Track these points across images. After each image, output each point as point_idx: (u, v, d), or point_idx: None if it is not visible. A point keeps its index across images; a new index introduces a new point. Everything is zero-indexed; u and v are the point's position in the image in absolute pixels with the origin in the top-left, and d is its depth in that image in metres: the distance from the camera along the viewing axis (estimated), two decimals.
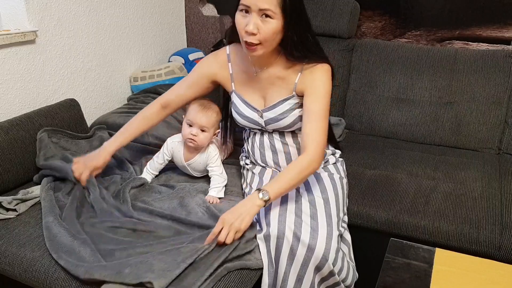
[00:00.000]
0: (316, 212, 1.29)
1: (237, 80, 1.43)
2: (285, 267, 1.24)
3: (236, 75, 1.43)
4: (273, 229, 1.25)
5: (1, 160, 1.48)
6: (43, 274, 1.20)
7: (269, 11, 1.17)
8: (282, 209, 1.29)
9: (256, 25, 1.19)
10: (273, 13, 1.18)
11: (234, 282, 1.18)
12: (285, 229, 1.24)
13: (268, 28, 1.19)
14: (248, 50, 1.25)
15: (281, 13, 1.19)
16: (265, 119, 1.40)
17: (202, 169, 1.55)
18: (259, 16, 1.19)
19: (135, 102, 2.09)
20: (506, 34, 2.05)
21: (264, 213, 1.31)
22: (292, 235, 1.23)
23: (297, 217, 1.26)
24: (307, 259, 1.22)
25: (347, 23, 2.12)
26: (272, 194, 1.21)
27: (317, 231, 1.23)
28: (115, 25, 2.11)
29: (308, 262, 1.22)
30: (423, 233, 1.47)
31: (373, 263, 1.49)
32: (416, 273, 1.08)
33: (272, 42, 1.24)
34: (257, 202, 1.20)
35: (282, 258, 1.24)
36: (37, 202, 1.46)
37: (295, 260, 1.23)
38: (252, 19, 1.19)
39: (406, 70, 2.03)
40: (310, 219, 1.26)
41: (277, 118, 1.38)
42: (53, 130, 1.65)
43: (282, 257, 1.24)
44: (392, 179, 1.67)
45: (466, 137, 1.92)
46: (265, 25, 1.19)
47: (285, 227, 1.24)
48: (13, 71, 1.67)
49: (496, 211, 1.48)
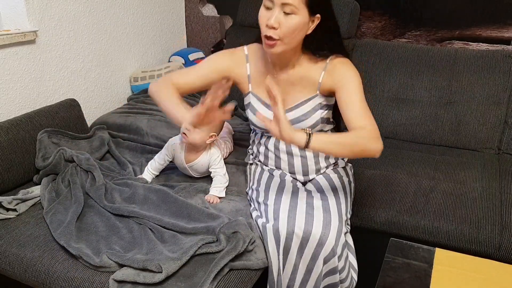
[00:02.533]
0: (328, 207, 1.29)
1: (254, 81, 1.40)
2: (295, 259, 1.24)
3: (254, 76, 1.40)
4: (283, 225, 1.24)
5: (1, 160, 1.48)
6: (43, 274, 1.20)
7: (291, 6, 1.16)
8: (292, 205, 1.28)
9: (278, 19, 1.18)
10: (295, 8, 1.16)
11: (234, 282, 1.18)
12: (295, 227, 1.23)
13: (289, 23, 1.18)
14: (267, 46, 1.23)
15: (306, 9, 1.18)
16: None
17: (203, 171, 1.54)
18: (282, 11, 1.18)
19: (135, 102, 2.09)
20: (506, 34, 2.04)
21: (273, 207, 1.30)
22: (302, 232, 1.22)
23: (307, 214, 1.25)
24: (317, 252, 1.22)
25: (347, 23, 2.12)
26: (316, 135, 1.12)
27: (330, 224, 1.24)
28: (115, 25, 2.11)
29: (318, 254, 1.22)
30: (423, 233, 1.47)
31: (373, 263, 1.49)
32: (416, 273, 1.08)
33: (292, 39, 1.22)
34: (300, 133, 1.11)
35: (292, 250, 1.24)
36: (37, 202, 1.46)
37: (305, 253, 1.23)
38: (274, 13, 1.18)
39: (406, 70, 2.03)
40: (322, 213, 1.26)
41: (300, 118, 1.35)
42: (53, 131, 1.65)
43: (292, 250, 1.24)
44: (392, 179, 1.67)
45: (466, 137, 1.92)
46: (287, 20, 1.18)
47: (294, 225, 1.23)
48: (13, 71, 1.67)
49: (496, 211, 1.48)
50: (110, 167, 1.65)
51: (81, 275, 1.17)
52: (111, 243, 1.24)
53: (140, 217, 1.33)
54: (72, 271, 1.18)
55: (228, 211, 1.39)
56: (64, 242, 1.22)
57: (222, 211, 1.37)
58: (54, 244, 1.26)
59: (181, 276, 1.14)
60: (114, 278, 1.12)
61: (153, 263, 1.12)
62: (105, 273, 1.16)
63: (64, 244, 1.21)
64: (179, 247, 1.20)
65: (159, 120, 1.89)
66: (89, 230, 1.30)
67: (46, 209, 1.37)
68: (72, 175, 1.51)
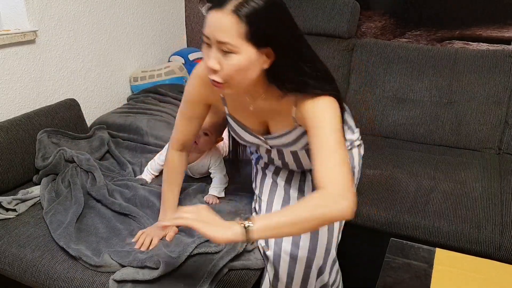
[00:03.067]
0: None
1: (230, 104, 1.21)
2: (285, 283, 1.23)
3: (228, 99, 1.21)
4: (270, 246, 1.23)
5: (1, 160, 1.48)
6: (43, 274, 1.20)
7: (227, 45, 0.92)
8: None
9: (217, 60, 0.95)
10: (233, 46, 0.92)
11: (234, 282, 1.18)
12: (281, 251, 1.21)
13: (230, 64, 0.94)
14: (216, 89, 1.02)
15: (248, 45, 0.92)
16: (271, 144, 1.24)
17: (203, 171, 1.54)
18: (220, 49, 0.94)
19: (135, 102, 2.09)
20: (506, 34, 2.04)
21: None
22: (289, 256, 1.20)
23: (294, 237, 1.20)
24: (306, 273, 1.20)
25: (347, 23, 2.12)
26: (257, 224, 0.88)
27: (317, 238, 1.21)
28: (115, 25, 2.11)
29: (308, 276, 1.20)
30: (423, 233, 1.47)
31: (373, 263, 1.49)
32: (416, 273, 1.08)
33: (241, 80, 0.98)
34: (235, 228, 0.88)
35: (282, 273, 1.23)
36: (37, 202, 1.46)
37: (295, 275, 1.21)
38: (212, 53, 0.95)
39: (406, 70, 2.03)
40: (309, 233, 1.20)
41: (286, 144, 1.21)
42: (53, 131, 1.65)
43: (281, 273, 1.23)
44: (392, 179, 1.67)
45: (466, 137, 1.92)
46: (227, 60, 0.94)
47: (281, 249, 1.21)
48: (13, 71, 1.67)
49: (496, 211, 1.48)
50: (109, 167, 1.65)
51: (81, 275, 1.16)
52: (111, 244, 1.24)
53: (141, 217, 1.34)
54: (72, 271, 1.18)
55: (227, 211, 1.39)
56: (63, 243, 1.22)
57: (221, 212, 1.37)
58: (54, 244, 1.26)
59: (181, 276, 1.14)
60: (114, 278, 1.12)
61: (152, 260, 1.12)
62: (105, 274, 1.15)
63: (63, 245, 1.21)
64: (178, 247, 1.20)
65: (159, 120, 1.89)
66: (89, 231, 1.30)
67: (46, 209, 1.37)
68: (72, 176, 1.51)
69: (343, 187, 0.91)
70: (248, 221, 0.88)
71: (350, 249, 1.53)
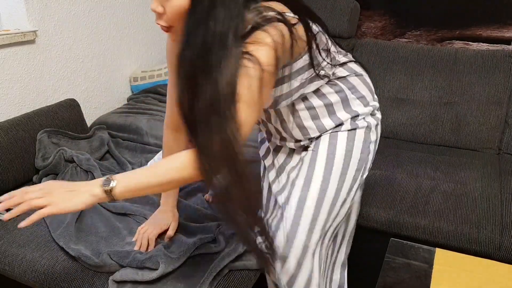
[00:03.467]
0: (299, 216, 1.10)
1: None
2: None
3: None
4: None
5: (1, 160, 1.48)
6: (43, 274, 1.19)
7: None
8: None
9: (160, 3, 0.90)
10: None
11: (234, 282, 1.18)
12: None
13: (170, 6, 0.89)
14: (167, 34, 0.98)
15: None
16: None
17: None
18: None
19: (135, 102, 2.09)
20: (506, 34, 2.04)
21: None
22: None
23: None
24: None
25: (347, 23, 2.12)
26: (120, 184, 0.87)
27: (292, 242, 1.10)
28: (115, 25, 2.11)
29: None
30: (423, 233, 1.47)
31: (373, 263, 1.49)
32: (416, 273, 1.08)
33: None
34: (94, 189, 0.87)
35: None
36: None
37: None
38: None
39: (406, 70, 2.03)
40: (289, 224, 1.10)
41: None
42: (53, 131, 1.65)
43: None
44: (392, 179, 1.67)
45: (466, 137, 1.92)
46: (169, 2, 0.89)
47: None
48: (13, 71, 1.67)
49: (496, 211, 1.48)
50: (109, 167, 1.65)
51: (81, 275, 1.16)
52: (111, 244, 1.24)
53: (141, 215, 1.34)
54: (72, 271, 1.18)
55: None
56: (63, 243, 1.22)
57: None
58: (54, 244, 1.26)
59: (181, 276, 1.13)
60: (114, 279, 1.12)
61: (152, 260, 1.12)
62: (105, 274, 1.15)
63: (63, 245, 1.21)
64: (178, 247, 1.20)
65: (159, 120, 1.89)
66: (88, 231, 1.30)
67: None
68: (72, 176, 1.51)
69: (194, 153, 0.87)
70: (111, 179, 0.87)
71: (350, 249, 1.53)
